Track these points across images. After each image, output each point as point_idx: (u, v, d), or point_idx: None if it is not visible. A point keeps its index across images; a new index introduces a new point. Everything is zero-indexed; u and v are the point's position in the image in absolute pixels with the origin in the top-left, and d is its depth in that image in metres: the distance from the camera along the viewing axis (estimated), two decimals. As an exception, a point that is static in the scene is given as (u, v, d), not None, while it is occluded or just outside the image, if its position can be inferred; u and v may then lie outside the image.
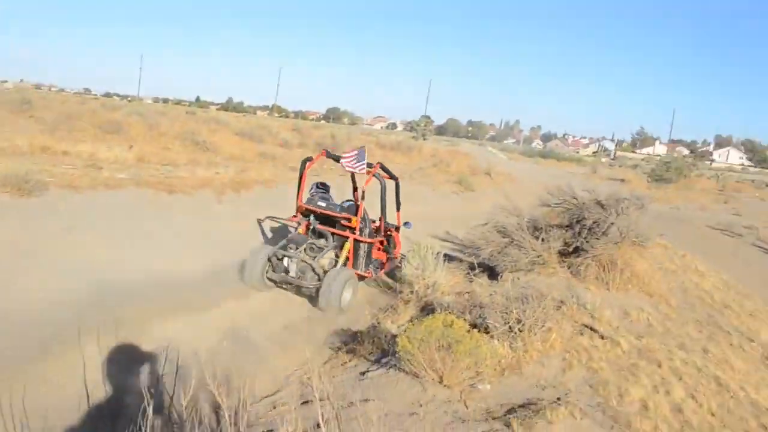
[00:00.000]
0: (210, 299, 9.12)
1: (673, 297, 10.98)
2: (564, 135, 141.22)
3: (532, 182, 27.30)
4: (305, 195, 10.81)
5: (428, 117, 80.00)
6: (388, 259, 11.24)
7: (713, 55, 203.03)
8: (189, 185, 15.25)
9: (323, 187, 11.00)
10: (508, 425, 5.18)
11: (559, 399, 5.80)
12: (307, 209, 10.54)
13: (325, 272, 9.54)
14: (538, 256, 10.39)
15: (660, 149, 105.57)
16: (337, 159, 10.50)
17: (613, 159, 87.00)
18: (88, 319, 7.19)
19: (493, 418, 5.45)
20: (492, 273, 10.79)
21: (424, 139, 55.92)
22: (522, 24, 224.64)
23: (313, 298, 9.81)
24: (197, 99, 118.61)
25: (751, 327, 10.64)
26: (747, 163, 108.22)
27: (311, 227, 10.43)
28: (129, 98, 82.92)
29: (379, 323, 9.02)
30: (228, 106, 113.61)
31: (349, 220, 10.23)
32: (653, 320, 9.07)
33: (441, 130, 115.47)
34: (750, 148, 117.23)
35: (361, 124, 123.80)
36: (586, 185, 14.64)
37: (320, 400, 3.67)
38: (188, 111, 48.64)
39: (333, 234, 10.30)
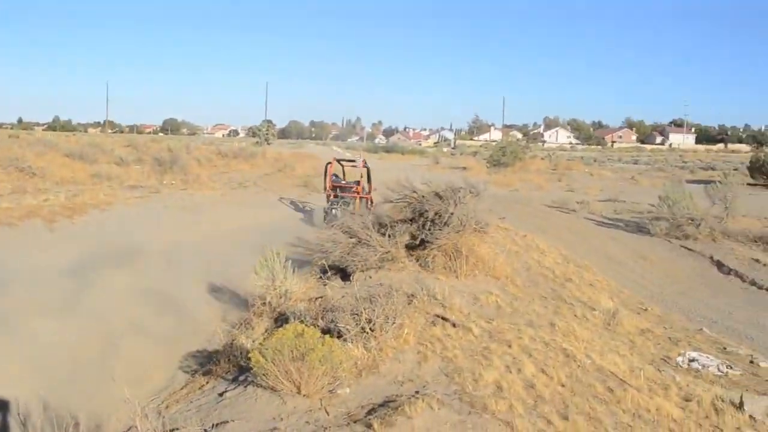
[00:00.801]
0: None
1: (518, 277, 11.51)
2: (405, 128, 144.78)
3: (378, 178, 27.83)
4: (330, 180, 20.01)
5: (270, 121, 79.41)
6: (370, 204, 18.20)
7: (534, 43, 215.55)
8: (14, 216, 14.21)
9: (337, 176, 20.29)
10: (369, 426, 5.19)
11: (417, 392, 5.88)
12: (334, 185, 19.67)
13: (352, 213, 14.68)
14: (387, 253, 10.51)
15: (496, 135, 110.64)
16: (339, 161, 21.20)
17: (453, 148, 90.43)
18: None
19: (355, 421, 5.44)
20: (344, 274, 10.80)
21: (268, 144, 55.48)
22: (351, 20, 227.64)
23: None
24: (20, 120, 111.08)
25: (592, 297, 11.36)
26: (575, 141, 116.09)
27: (338, 195, 19.31)
28: (-64, 125, 76.17)
29: (234, 340, 8.78)
30: (56, 126, 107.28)
31: (356, 188, 19.27)
32: (501, 302, 9.43)
33: (284, 133, 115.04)
34: (576, 127, 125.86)
35: (201, 134, 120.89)
36: (428, 177, 15.04)
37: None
38: (11, 135, 45.24)
39: (349, 196, 19.01)
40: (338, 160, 21.30)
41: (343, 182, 20.18)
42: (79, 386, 7.97)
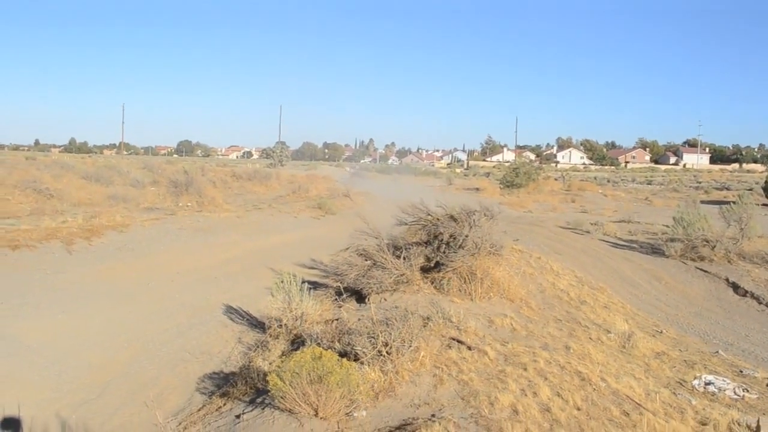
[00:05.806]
0: None
1: (532, 299, 11.50)
2: (418, 149, 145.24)
3: (391, 199, 27.91)
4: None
5: (283, 142, 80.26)
6: None
7: (547, 64, 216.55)
8: (34, 238, 14.34)
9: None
10: (386, 449, 5.23)
11: (433, 416, 5.91)
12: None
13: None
14: (402, 275, 10.55)
15: (509, 155, 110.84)
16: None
17: (466, 169, 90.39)
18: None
19: (372, 445, 5.48)
20: (359, 296, 10.85)
21: (282, 165, 55.78)
22: (365, 42, 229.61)
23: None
24: (36, 143, 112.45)
25: (607, 319, 11.30)
26: (588, 161, 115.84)
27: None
28: (-44, 148, 77.26)
29: (250, 362, 8.84)
30: (72, 148, 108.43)
31: None
32: (516, 324, 9.43)
33: (298, 155, 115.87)
34: (589, 148, 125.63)
35: (215, 155, 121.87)
36: (443, 198, 15.07)
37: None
38: (28, 157, 45.91)
39: None
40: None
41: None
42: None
